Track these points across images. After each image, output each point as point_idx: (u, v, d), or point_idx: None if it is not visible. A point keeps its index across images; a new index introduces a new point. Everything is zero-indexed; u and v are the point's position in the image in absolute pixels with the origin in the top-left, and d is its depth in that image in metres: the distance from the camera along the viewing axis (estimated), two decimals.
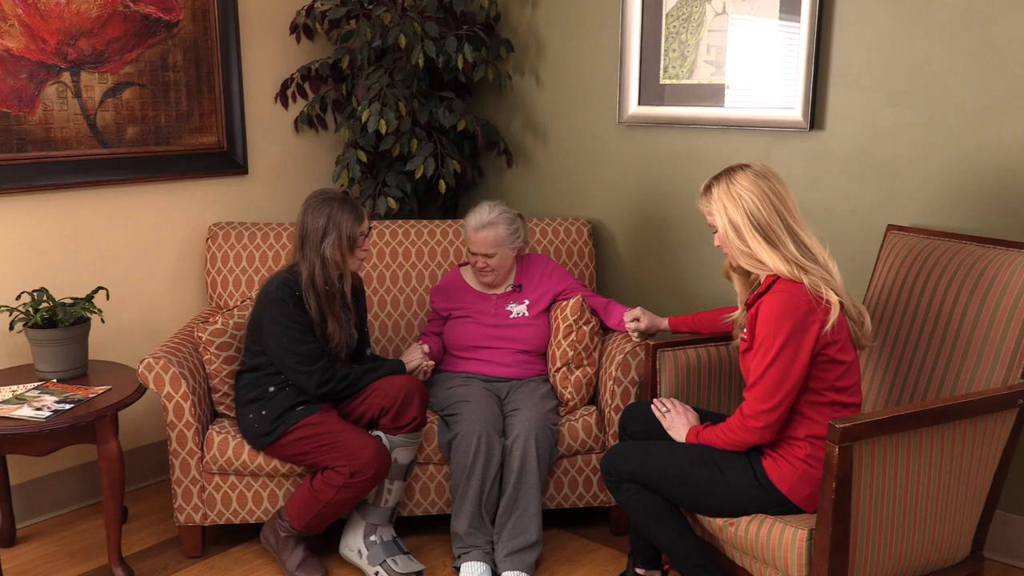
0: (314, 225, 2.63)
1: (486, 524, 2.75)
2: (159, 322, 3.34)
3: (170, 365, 2.71)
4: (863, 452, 1.91)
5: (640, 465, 2.31)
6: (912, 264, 2.58)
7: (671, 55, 3.24)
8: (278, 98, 3.62)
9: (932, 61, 2.71)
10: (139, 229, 3.27)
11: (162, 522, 3.10)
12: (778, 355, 2.11)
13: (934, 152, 2.75)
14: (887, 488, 1.97)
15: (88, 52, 3.03)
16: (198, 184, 3.41)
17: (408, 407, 2.68)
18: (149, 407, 3.27)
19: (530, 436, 2.73)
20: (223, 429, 2.79)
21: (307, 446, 2.62)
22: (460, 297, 3.14)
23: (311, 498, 2.62)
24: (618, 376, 2.88)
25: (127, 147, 3.18)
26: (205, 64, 3.35)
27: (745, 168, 2.23)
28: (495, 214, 3.02)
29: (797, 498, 2.18)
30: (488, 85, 3.76)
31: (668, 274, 3.41)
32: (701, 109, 3.20)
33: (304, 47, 3.69)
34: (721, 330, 2.67)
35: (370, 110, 3.32)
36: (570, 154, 3.63)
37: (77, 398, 2.65)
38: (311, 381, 2.64)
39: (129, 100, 3.16)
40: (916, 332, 2.51)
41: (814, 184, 2.98)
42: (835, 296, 2.13)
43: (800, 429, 2.19)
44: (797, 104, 2.95)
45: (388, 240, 3.36)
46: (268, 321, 2.64)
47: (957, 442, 2.03)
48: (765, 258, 2.17)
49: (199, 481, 2.79)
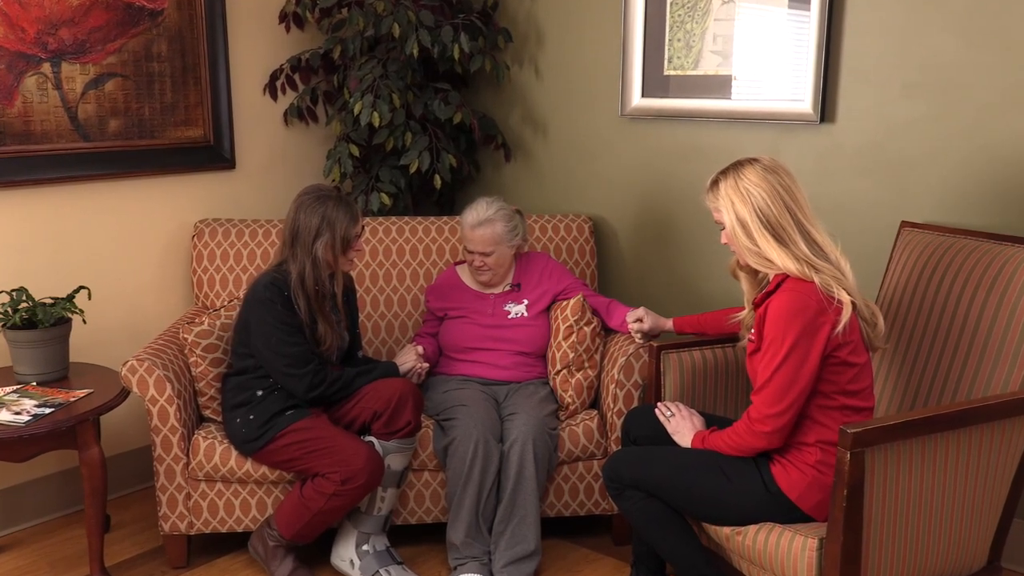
0: (307, 224, 2.62)
1: (483, 533, 2.75)
2: (143, 323, 3.34)
3: (154, 368, 2.70)
4: (876, 458, 1.91)
5: (643, 471, 2.31)
6: (927, 262, 2.57)
7: (676, 45, 3.23)
8: (267, 90, 3.62)
9: (946, 51, 2.71)
10: (122, 226, 3.26)
11: (146, 531, 3.10)
12: (787, 357, 2.11)
13: (949, 146, 2.75)
14: (901, 495, 1.97)
15: (69, 42, 3.02)
16: (183, 179, 3.41)
17: (402, 411, 2.67)
18: (132, 411, 3.26)
19: (528, 441, 2.73)
20: (209, 434, 2.79)
21: (297, 452, 2.62)
22: (456, 297, 3.14)
23: (301, 506, 2.62)
24: (620, 379, 2.88)
25: (110, 141, 3.17)
26: (191, 54, 3.34)
27: (753, 162, 2.23)
28: (492, 211, 3.01)
29: (807, 506, 2.18)
30: (485, 76, 3.76)
31: (672, 273, 3.40)
32: (707, 101, 3.19)
33: (294, 36, 3.68)
34: (728, 331, 2.67)
35: (362, 102, 3.32)
36: (571, 148, 3.62)
37: (58, 402, 2.64)
38: (301, 384, 2.63)
39: (112, 92, 3.15)
40: (931, 333, 2.51)
41: (825, 179, 2.98)
42: (847, 296, 2.13)
43: (810, 434, 2.19)
44: (807, 96, 2.95)
45: (381, 238, 3.36)
46: (256, 322, 2.64)
47: (973, 448, 2.03)
48: (774, 256, 2.17)
49: (184, 488, 2.79)
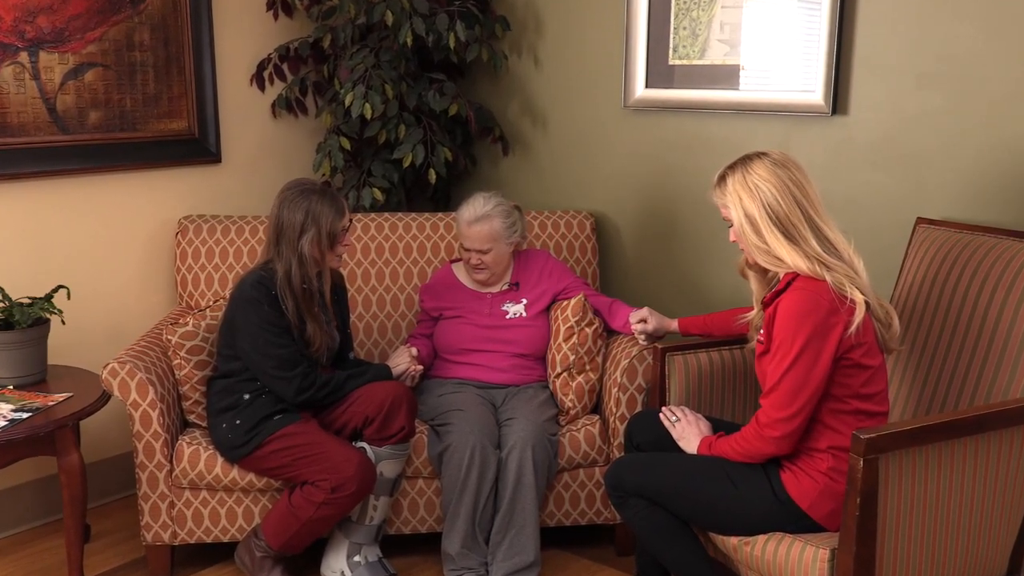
0: (291, 220, 2.62)
1: (480, 543, 2.75)
2: (124, 324, 3.34)
3: (136, 370, 2.70)
4: (890, 465, 1.91)
5: (647, 479, 2.31)
6: (943, 260, 2.57)
7: (681, 33, 3.23)
8: (254, 80, 3.61)
9: (963, 41, 2.71)
10: (103, 223, 3.26)
11: (127, 541, 3.10)
12: (797, 359, 2.11)
13: (966, 139, 2.75)
14: (916, 504, 1.97)
15: (47, 30, 3.02)
16: (167, 174, 3.41)
17: (395, 416, 2.67)
18: (113, 416, 3.25)
19: (527, 447, 2.73)
20: (194, 440, 2.79)
21: (285, 458, 2.62)
22: (452, 296, 3.13)
23: (289, 515, 2.62)
24: (623, 382, 2.88)
25: (89, 133, 3.17)
26: (174, 43, 3.34)
27: (762, 156, 2.23)
28: (490, 206, 3.01)
29: (818, 515, 2.18)
30: (482, 66, 3.76)
31: (678, 271, 3.40)
32: (714, 92, 3.19)
33: (282, 24, 3.68)
34: (735, 332, 2.67)
35: (354, 93, 3.32)
36: (571, 141, 3.62)
37: (35, 406, 2.64)
38: (289, 388, 2.63)
39: (92, 82, 3.15)
40: (948, 334, 2.51)
41: (837, 174, 2.98)
42: (860, 295, 2.13)
43: (821, 440, 2.19)
44: (818, 87, 2.94)
45: (374, 234, 3.35)
46: (242, 323, 2.64)
47: (992, 454, 2.03)
48: (784, 254, 2.17)
49: (168, 496, 2.79)
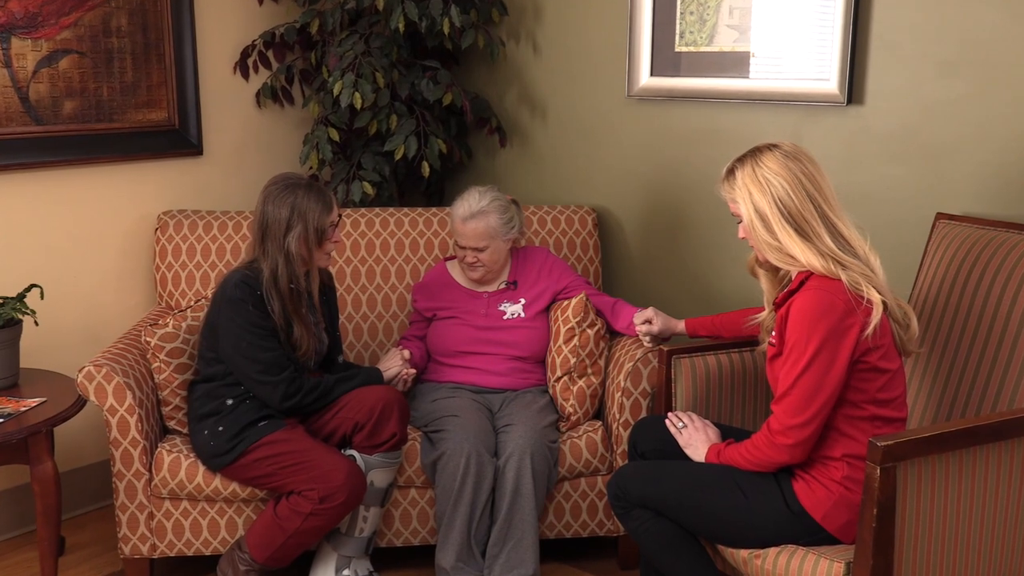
0: (276, 216, 2.62)
1: (476, 556, 2.75)
2: (101, 325, 3.34)
3: (113, 374, 2.70)
4: (908, 474, 1.91)
5: (653, 488, 2.31)
6: (965, 258, 2.57)
7: (688, 19, 3.23)
8: (237, 68, 3.61)
9: (987, 25, 2.71)
10: (78, 218, 3.26)
11: (104, 554, 3.10)
12: (811, 362, 2.10)
13: (990, 130, 2.75)
14: (936, 514, 1.97)
15: (19, 15, 3.01)
16: (146, 166, 3.41)
17: (386, 422, 2.67)
18: (89, 422, 3.25)
19: (526, 455, 2.73)
20: (174, 447, 2.79)
21: (270, 467, 2.62)
22: (446, 295, 3.13)
23: (275, 527, 2.61)
24: (627, 387, 2.87)
25: (64, 124, 3.17)
26: (154, 29, 3.34)
27: (773, 148, 2.23)
28: (486, 201, 3.01)
29: (833, 526, 2.18)
30: (478, 53, 3.75)
31: (684, 270, 3.40)
32: (723, 80, 3.19)
33: (268, 9, 3.68)
34: (745, 334, 2.67)
35: (343, 82, 3.32)
36: (572, 132, 3.62)
37: (7, 412, 2.64)
38: (275, 393, 2.63)
39: (67, 70, 3.15)
40: (969, 336, 2.51)
41: (852, 166, 2.98)
42: (877, 295, 2.13)
43: (836, 448, 2.19)
44: (833, 75, 2.94)
45: (364, 231, 3.35)
46: (225, 324, 2.63)
47: (1017, 462, 2.03)
48: (796, 252, 2.17)
49: (147, 507, 2.79)
